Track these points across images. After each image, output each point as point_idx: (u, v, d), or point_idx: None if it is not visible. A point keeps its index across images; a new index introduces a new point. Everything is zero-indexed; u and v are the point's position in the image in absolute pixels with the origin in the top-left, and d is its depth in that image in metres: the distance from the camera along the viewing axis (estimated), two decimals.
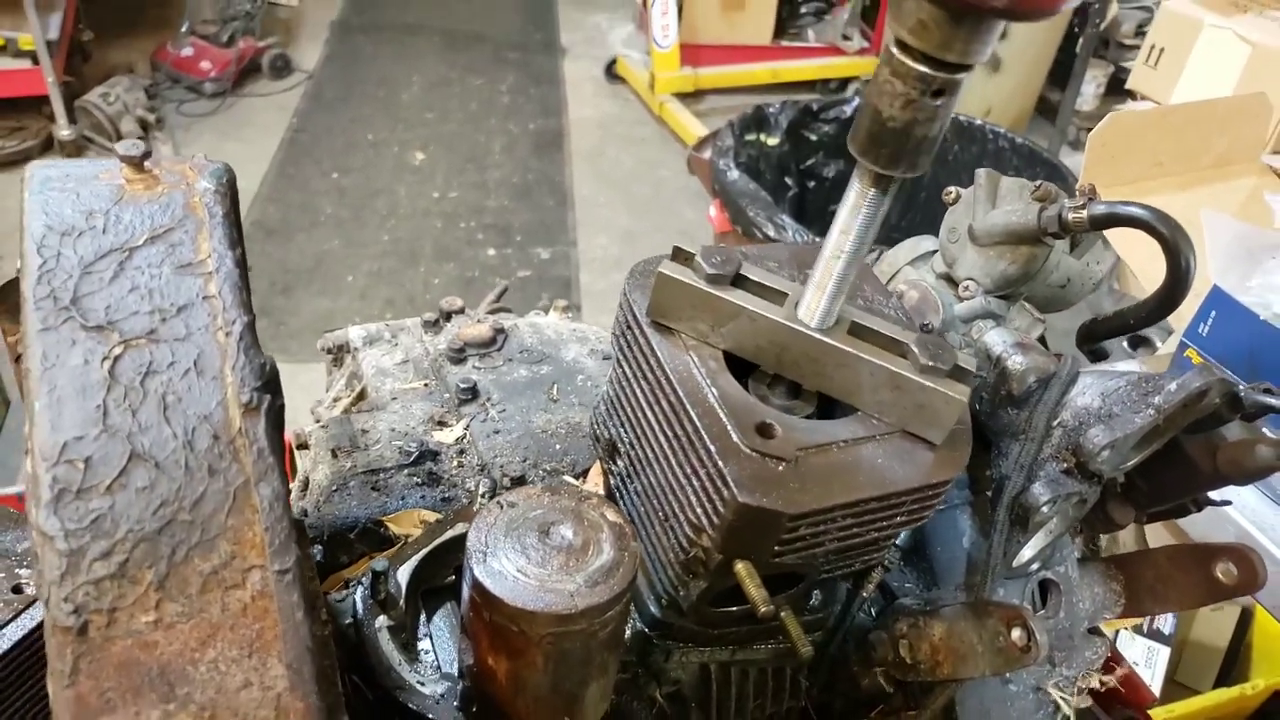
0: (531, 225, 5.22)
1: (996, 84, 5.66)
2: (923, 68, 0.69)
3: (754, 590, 0.82)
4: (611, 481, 1.00)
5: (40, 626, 1.20)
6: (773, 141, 4.05)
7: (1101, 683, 1.18)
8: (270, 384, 0.68)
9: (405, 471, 1.17)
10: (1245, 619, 2.60)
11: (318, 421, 1.30)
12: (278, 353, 1.01)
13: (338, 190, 5.37)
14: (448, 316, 1.45)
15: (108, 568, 0.59)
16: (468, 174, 5.64)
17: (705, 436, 0.80)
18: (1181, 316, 1.87)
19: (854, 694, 1.15)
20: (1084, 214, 1.05)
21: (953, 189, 1.16)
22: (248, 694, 0.60)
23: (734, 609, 0.94)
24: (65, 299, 0.67)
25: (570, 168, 5.76)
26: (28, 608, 1.21)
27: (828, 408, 0.90)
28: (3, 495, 1.36)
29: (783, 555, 0.84)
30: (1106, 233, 1.18)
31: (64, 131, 5.11)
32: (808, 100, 4.29)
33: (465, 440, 1.23)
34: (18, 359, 0.91)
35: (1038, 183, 1.09)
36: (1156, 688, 2.36)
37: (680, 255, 0.87)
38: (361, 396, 1.35)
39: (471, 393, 1.29)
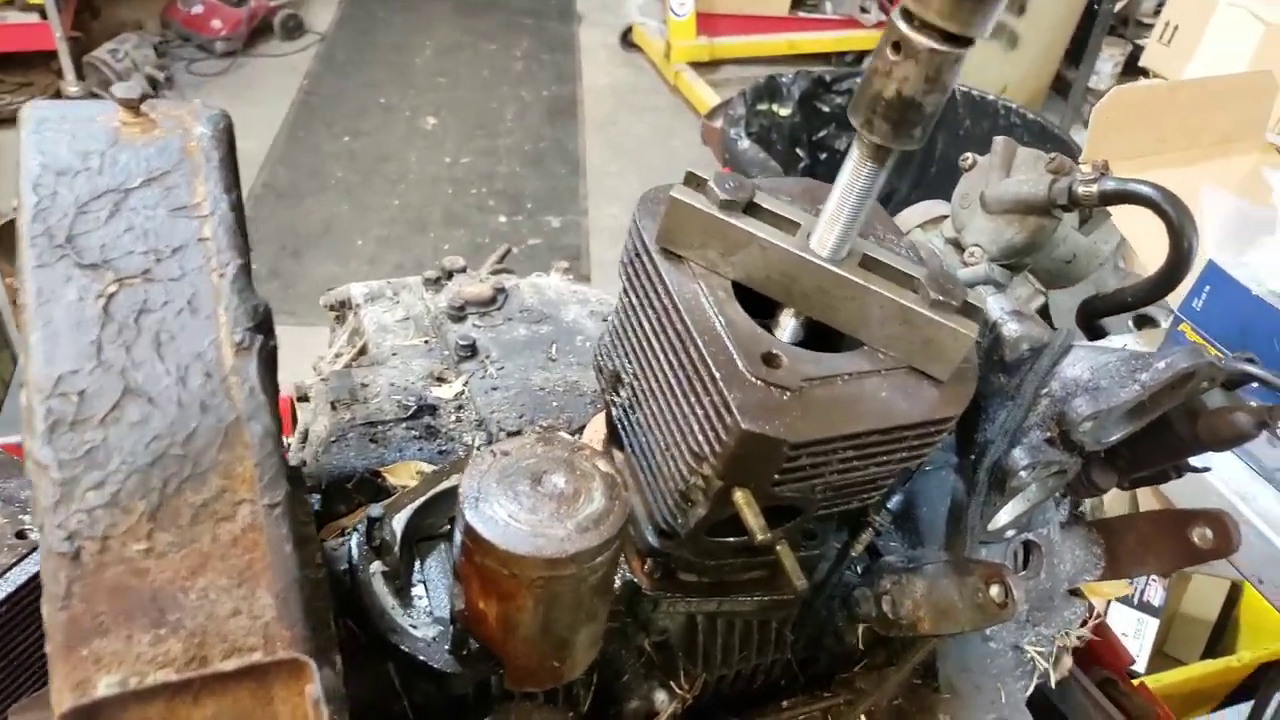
0: (542, 193, 5.22)
1: (1013, 61, 5.60)
2: (926, 40, 0.70)
3: (752, 519, 0.82)
4: (614, 413, 1.01)
5: None
6: (785, 112, 4.02)
7: (1079, 638, 1.20)
8: (263, 325, 0.69)
9: (403, 425, 1.19)
10: (1234, 593, 2.63)
11: (319, 376, 1.32)
12: (285, 315, 1.02)
13: (348, 154, 5.37)
14: (449, 275, 1.47)
15: (101, 497, 0.61)
16: (479, 140, 5.62)
17: (711, 364, 0.80)
18: (1177, 292, 1.87)
19: (838, 649, 1.17)
20: (1094, 189, 1.06)
21: (970, 155, 1.16)
22: (236, 621, 0.62)
23: (730, 539, 0.94)
24: (60, 237, 0.68)
25: (583, 136, 5.73)
26: (31, 552, 1.24)
27: (834, 344, 0.90)
28: (5, 444, 1.38)
29: (782, 485, 0.85)
30: (1111, 211, 1.19)
31: (72, 88, 5.11)
32: (821, 71, 4.26)
33: (463, 396, 1.25)
34: (15, 301, 0.93)
35: (1053, 155, 1.10)
36: (1144, 659, 2.39)
37: (693, 180, 0.87)
38: (363, 352, 1.37)
39: (471, 350, 1.30)
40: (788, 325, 0.89)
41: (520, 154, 5.54)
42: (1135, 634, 2.43)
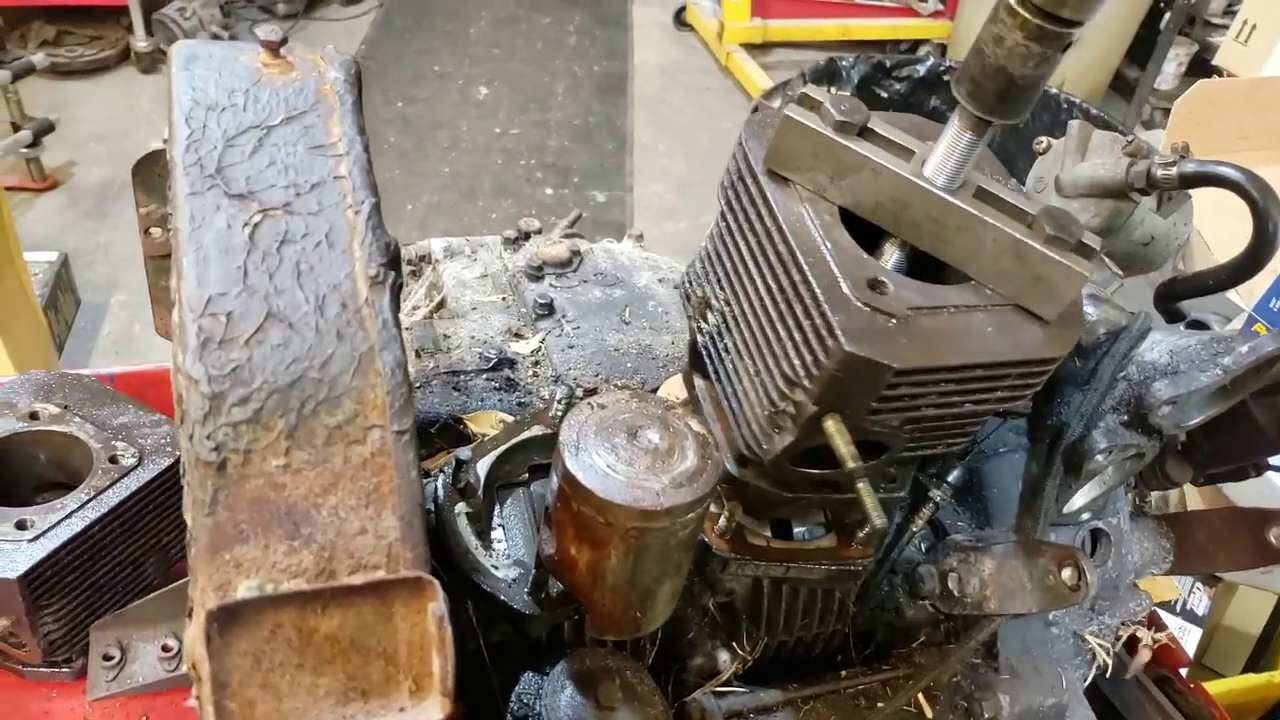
0: (590, 168, 5.24)
1: (1074, 56, 5.44)
2: (1037, 20, 0.71)
3: (843, 446, 0.81)
4: (699, 340, 1.00)
5: (135, 493, 1.28)
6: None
7: (1154, 639, 1.20)
8: (393, 261, 0.72)
9: (484, 376, 1.22)
10: None
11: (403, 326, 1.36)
12: None
13: (402, 120, 5.42)
14: (526, 236, 1.49)
15: (245, 413, 0.65)
16: (530, 112, 5.65)
17: (815, 286, 0.79)
18: (1253, 292, 1.85)
19: (898, 624, 1.19)
20: (1174, 171, 1.05)
21: (1044, 139, 1.16)
22: (363, 540, 0.65)
23: (812, 470, 0.93)
24: (211, 167, 0.71)
25: (632, 113, 5.74)
26: (124, 476, 1.28)
27: (934, 279, 0.89)
28: (99, 374, 1.43)
29: (877, 414, 0.84)
30: (1192, 194, 1.18)
31: (141, 43, 5.20)
32: (881, 56, 4.23)
33: (540, 353, 1.28)
34: (147, 230, 0.96)
35: (1130, 137, 1.10)
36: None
37: (807, 101, 0.85)
38: (441, 305, 1.40)
39: (548, 308, 1.33)
40: (891, 256, 0.88)
41: (570, 128, 5.56)
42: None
